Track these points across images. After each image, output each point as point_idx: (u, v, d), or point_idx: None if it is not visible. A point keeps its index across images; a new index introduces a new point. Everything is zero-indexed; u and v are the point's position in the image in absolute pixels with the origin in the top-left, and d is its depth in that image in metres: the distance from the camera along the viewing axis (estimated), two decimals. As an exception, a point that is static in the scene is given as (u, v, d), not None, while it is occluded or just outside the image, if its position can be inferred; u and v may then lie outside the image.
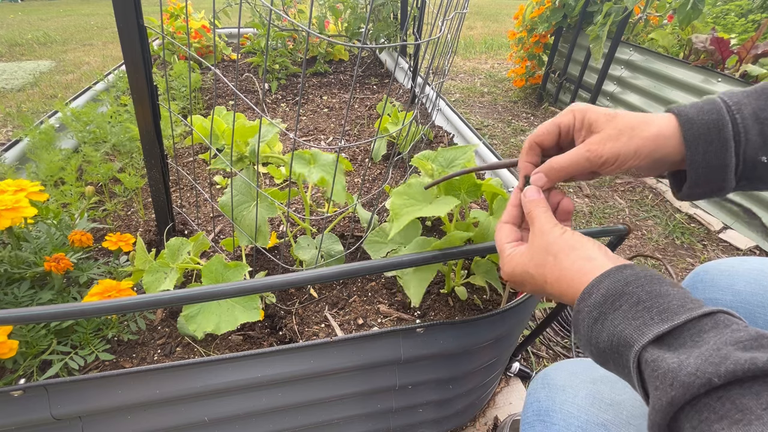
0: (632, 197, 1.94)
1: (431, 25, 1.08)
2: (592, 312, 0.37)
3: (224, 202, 0.92)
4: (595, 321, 0.37)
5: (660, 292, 0.35)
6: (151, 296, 0.59)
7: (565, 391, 0.52)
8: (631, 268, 0.38)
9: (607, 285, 0.37)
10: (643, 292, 0.35)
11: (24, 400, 0.61)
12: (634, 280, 0.36)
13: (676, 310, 0.33)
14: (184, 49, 0.86)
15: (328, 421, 0.79)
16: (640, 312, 0.34)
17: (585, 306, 0.38)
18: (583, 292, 0.39)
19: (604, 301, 0.37)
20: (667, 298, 0.34)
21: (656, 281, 0.36)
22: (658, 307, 0.34)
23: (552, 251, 0.43)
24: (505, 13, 6.97)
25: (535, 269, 0.44)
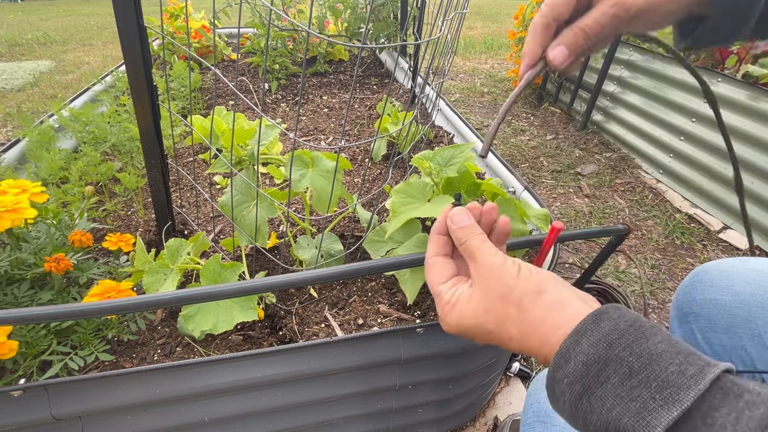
0: (632, 197, 1.94)
1: (431, 25, 1.08)
2: (574, 385, 0.31)
3: (224, 202, 0.92)
4: (580, 397, 0.30)
5: (651, 352, 0.29)
6: (150, 297, 0.59)
7: None
8: (608, 319, 0.32)
9: (587, 348, 0.31)
10: (633, 357, 0.29)
11: (24, 400, 0.61)
12: (617, 339, 0.30)
13: (677, 383, 0.27)
14: (184, 49, 0.86)
15: (328, 421, 0.79)
16: (636, 389, 0.28)
17: (563, 376, 0.32)
18: (557, 356, 0.32)
19: (587, 371, 0.30)
20: (662, 362, 0.28)
21: (641, 334, 0.30)
22: (657, 380, 0.28)
23: (513, 299, 0.36)
24: (505, 13, 6.97)
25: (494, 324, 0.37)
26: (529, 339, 0.35)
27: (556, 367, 0.33)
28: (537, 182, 2.05)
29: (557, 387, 0.32)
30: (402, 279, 0.83)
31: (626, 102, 2.24)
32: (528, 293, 0.35)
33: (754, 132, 1.58)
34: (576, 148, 2.34)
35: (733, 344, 0.56)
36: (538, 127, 2.62)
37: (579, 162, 2.20)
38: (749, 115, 1.61)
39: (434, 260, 0.44)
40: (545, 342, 0.34)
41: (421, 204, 0.77)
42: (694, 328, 0.61)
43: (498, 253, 0.39)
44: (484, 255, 0.39)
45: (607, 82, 2.34)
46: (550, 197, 1.94)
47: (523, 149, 2.34)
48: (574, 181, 2.05)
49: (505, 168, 1.28)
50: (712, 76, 1.75)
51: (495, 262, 0.38)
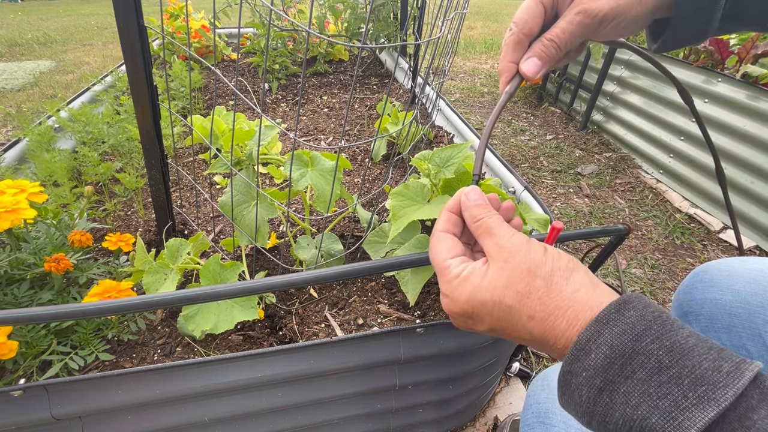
0: (632, 197, 1.94)
1: (431, 25, 1.08)
2: (594, 379, 0.28)
3: (224, 202, 0.92)
4: (600, 392, 0.28)
5: (682, 346, 0.26)
6: (151, 297, 0.59)
7: None
8: (634, 308, 0.29)
9: (610, 339, 0.28)
10: (663, 351, 0.26)
11: (24, 400, 0.61)
12: (644, 331, 0.27)
13: (712, 379, 0.25)
14: (184, 49, 0.86)
15: (328, 421, 0.79)
16: (666, 385, 0.25)
17: (581, 368, 0.29)
18: (575, 347, 0.29)
19: (610, 364, 0.27)
20: (694, 357, 0.26)
21: (670, 327, 0.27)
22: (689, 376, 0.25)
23: (541, 273, 0.32)
24: (505, 13, 6.97)
25: (515, 299, 0.32)
26: (555, 318, 0.31)
27: (573, 359, 0.29)
28: (537, 182, 2.05)
29: (573, 380, 0.29)
30: (402, 280, 0.83)
31: (626, 102, 2.24)
32: (560, 269, 0.32)
33: (754, 132, 1.58)
34: (576, 148, 2.34)
35: (733, 344, 0.56)
36: (538, 127, 2.62)
37: (579, 162, 2.20)
38: (749, 115, 1.61)
39: (444, 235, 0.40)
40: (574, 323, 0.30)
41: (420, 206, 0.77)
42: (694, 327, 0.61)
43: (519, 233, 0.36)
44: (505, 232, 0.35)
45: (607, 82, 2.34)
46: (550, 197, 1.94)
47: (523, 149, 2.34)
48: (574, 181, 2.05)
49: (505, 168, 1.28)
50: (712, 76, 1.75)
51: (519, 239, 0.35)
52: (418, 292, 0.81)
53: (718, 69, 1.80)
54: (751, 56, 1.69)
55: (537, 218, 0.84)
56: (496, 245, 0.35)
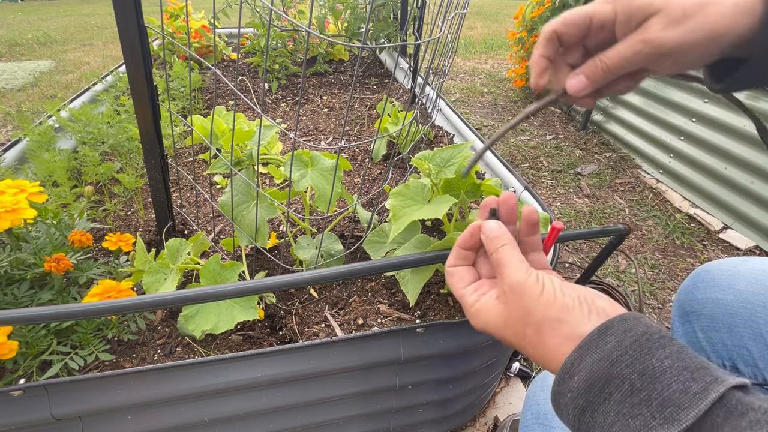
0: (632, 197, 1.94)
1: (431, 25, 1.08)
2: (577, 400, 0.31)
3: (224, 202, 0.92)
4: (583, 411, 0.31)
5: (654, 370, 0.29)
6: (151, 297, 0.59)
7: None
8: (613, 334, 0.31)
9: (590, 365, 0.31)
10: (635, 374, 0.29)
11: (24, 400, 0.61)
12: (620, 357, 0.30)
13: (679, 401, 0.27)
14: (184, 49, 0.86)
15: (328, 421, 0.79)
16: (637, 407, 0.28)
17: (566, 390, 0.32)
18: (561, 371, 0.33)
19: (590, 387, 0.31)
20: (664, 380, 0.28)
21: (646, 350, 0.30)
22: (658, 398, 0.28)
23: (531, 322, 0.36)
24: (505, 13, 6.97)
25: (513, 338, 0.38)
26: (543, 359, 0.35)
27: (560, 382, 0.33)
28: (537, 182, 2.05)
29: (561, 400, 0.33)
30: (402, 280, 0.83)
31: (626, 102, 2.24)
32: (548, 320, 0.35)
33: (754, 132, 1.58)
34: (576, 148, 2.34)
35: (734, 343, 0.56)
36: (538, 127, 2.62)
37: (579, 162, 2.20)
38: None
39: (453, 269, 0.45)
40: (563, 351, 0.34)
41: (421, 206, 0.77)
42: (695, 327, 0.61)
43: (522, 269, 0.38)
44: (509, 271, 0.38)
45: (607, 82, 2.35)
46: (550, 197, 1.94)
47: (523, 149, 2.34)
48: (574, 181, 2.05)
49: (505, 168, 1.28)
50: (712, 76, 1.75)
51: (518, 281, 0.37)
52: (418, 292, 0.81)
53: (718, 69, 1.80)
54: (751, 56, 1.69)
55: (537, 218, 0.84)
56: (501, 285, 0.39)
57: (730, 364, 0.57)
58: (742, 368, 0.56)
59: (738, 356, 0.56)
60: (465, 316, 0.93)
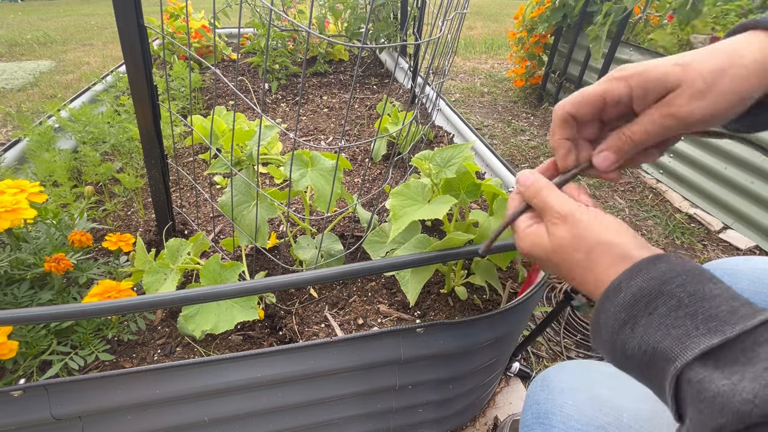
0: (632, 197, 1.94)
1: (431, 25, 1.08)
2: (620, 314, 0.32)
3: (224, 202, 0.92)
4: (624, 324, 0.32)
5: (704, 293, 0.29)
6: (151, 297, 0.59)
7: (564, 393, 0.52)
8: (666, 261, 0.32)
9: (640, 283, 0.32)
10: (685, 294, 0.30)
11: (24, 400, 0.61)
12: (672, 278, 0.31)
13: (725, 318, 0.28)
14: (184, 49, 0.86)
15: (328, 421, 0.79)
16: (681, 319, 0.29)
17: (610, 305, 0.33)
18: (609, 288, 0.33)
19: (635, 301, 0.31)
20: (714, 302, 0.29)
21: (698, 279, 0.30)
22: (704, 313, 0.29)
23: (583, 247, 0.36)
24: (505, 13, 6.97)
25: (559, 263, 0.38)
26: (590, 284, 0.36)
27: (604, 299, 0.33)
28: (537, 182, 2.05)
29: (602, 318, 0.33)
30: (402, 280, 0.83)
31: (626, 102, 2.23)
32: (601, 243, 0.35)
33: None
34: (576, 148, 2.34)
35: None
36: (538, 127, 2.62)
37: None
38: (749, 115, 1.61)
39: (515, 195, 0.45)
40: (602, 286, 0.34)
41: (421, 205, 0.77)
42: None
43: (567, 201, 0.39)
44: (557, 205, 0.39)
45: (607, 82, 2.34)
46: (550, 197, 1.94)
47: (523, 149, 2.34)
48: (574, 181, 2.05)
49: (505, 168, 1.28)
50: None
51: (568, 210, 0.38)
52: (418, 292, 0.81)
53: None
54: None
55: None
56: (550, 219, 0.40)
57: None
58: None
59: None
60: (465, 315, 0.93)
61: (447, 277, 0.97)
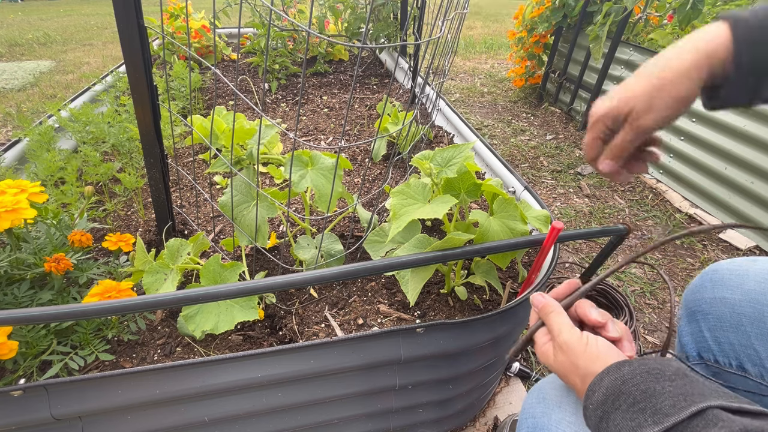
0: (632, 197, 1.94)
1: (431, 25, 1.08)
2: (597, 410, 0.40)
3: (224, 202, 0.92)
4: (600, 420, 0.40)
5: (654, 390, 0.37)
6: (151, 297, 0.59)
7: (562, 408, 0.51)
8: (629, 365, 0.40)
9: (607, 383, 0.40)
10: (638, 392, 0.38)
11: (24, 400, 0.61)
12: (630, 378, 0.39)
13: (667, 411, 0.35)
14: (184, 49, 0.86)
15: (328, 421, 0.79)
16: (636, 413, 0.37)
17: (590, 404, 0.41)
18: (588, 389, 0.42)
19: (605, 400, 0.40)
20: (660, 398, 0.36)
21: (653, 378, 0.38)
22: (652, 408, 0.36)
23: (580, 374, 0.45)
24: (505, 13, 6.97)
25: (564, 379, 0.48)
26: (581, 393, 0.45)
27: (586, 398, 0.42)
28: (537, 182, 2.05)
29: (587, 413, 0.42)
30: (402, 280, 0.83)
31: (626, 102, 2.23)
32: (590, 373, 0.44)
33: (754, 132, 1.58)
34: (576, 148, 2.34)
35: (741, 343, 0.56)
36: (538, 127, 2.62)
37: (579, 162, 2.20)
38: (749, 114, 1.61)
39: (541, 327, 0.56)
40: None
41: (421, 205, 0.77)
42: (702, 326, 0.62)
43: (568, 330, 0.48)
44: (557, 333, 0.49)
45: (607, 82, 2.34)
46: (550, 197, 1.94)
47: (523, 149, 2.34)
48: (574, 181, 2.05)
49: (505, 168, 1.28)
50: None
51: (564, 340, 0.48)
52: (418, 292, 0.81)
53: (718, 69, 1.80)
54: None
55: (537, 215, 0.84)
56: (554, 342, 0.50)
57: (736, 363, 0.58)
58: (749, 368, 0.56)
59: (745, 356, 0.56)
60: (465, 315, 0.93)
61: (447, 277, 0.97)
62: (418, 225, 0.89)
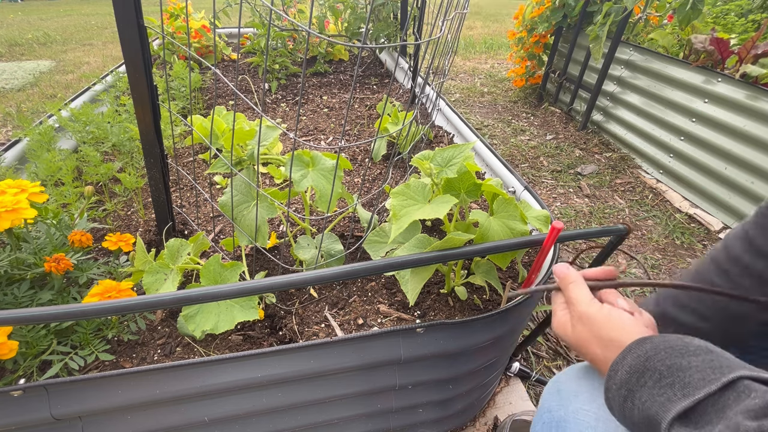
0: (632, 197, 1.94)
1: (431, 25, 1.08)
2: (621, 390, 0.39)
3: (224, 202, 0.92)
4: (625, 399, 0.39)
5: (680, 365, 0.37)
6: (151, 297, 0.59)
7: (579, 397, 0.50)
8: (650, 341, 0.40)
9: (630, 362, 0.39)
10: (664, 367, 0.37)
11: (24, 400, 0.61)
12: (654, 355, 0.38)
13: (696, 384, 0.34)
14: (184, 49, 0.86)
15: (328, 421, 0.79)
16: (664, 388, 0.36)
17: (613, 384, 0.40)
18: (609, 369, 0.42)
19: (629, 378, 0.39)
20: (688, 372, 0.36)
21: (677, 353, 0.38)
22: (680, 382, 0.35)
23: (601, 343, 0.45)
24: (505, 13, 6.97)
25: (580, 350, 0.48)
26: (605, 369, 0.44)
27: (608, 379, 0.41)
28: (537, 182, 2.05)
29: (609, 395, 0.41)
30: (402, 280, 0.83)
31: (626, 102, 2.24)
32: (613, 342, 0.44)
33: (754, 132, 1.58)
34: (576, 148, 2.34)
35: None
36: (538, 127, 2.62)
37: (579, 162, 2.20)
38: (749, 114, 1.61)
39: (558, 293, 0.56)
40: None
41: (422, 205, 0.77)
42: None
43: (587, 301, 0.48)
44: (577, 303, 0.49)
45: (607, 82, 2.34)
46: (550, 197, 1.94)
47: (523, 149, 2.34)
48: (574, 181, 2.05)
49: (505, 168, 1.28)
50: (711, 76, 1.74)
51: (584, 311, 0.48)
52: (418, 292, 0.81)
53: (718, 69, 1.80)
54: (751, 56, 1.69)
55: (537, 215, 0.84)
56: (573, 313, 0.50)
57: None
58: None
59: None
60: (465, 315, 0.93)
61: (447, 277, 0.97)
62: (418, 225, 0.89)
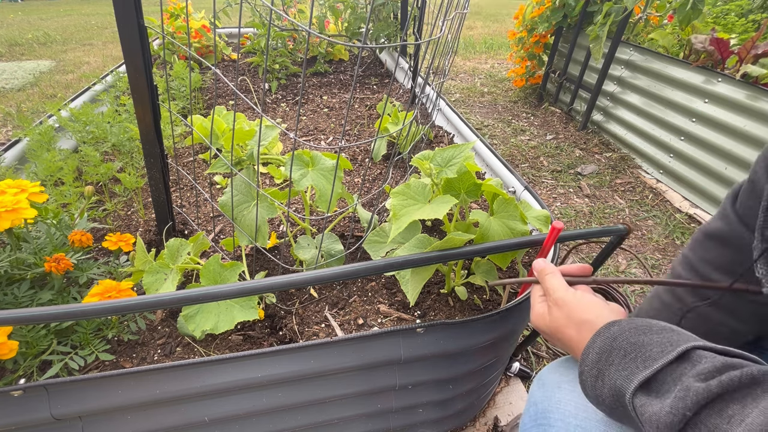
0: (632, 197, 1.94)
1: (431, 25, 1.08)
2: (592, 370, 0.42)
3: (224, 202, 0.92)
4: (596, 378, 0.41)
5: (642, 342, 0.40)
6: (151, 297, 0.59)
7: (561, 388, 0.52)
8: (618, 324, 0.43)
9: (600, 344, 0.42)
10: (628, 344, 0.40)
11: (24, 400, 0.61)
12: (619, 335, 0.42)
13: (656, 356, 0.38)
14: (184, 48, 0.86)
15: (328, 421, 0.79)
16: (628, 363, 0.39)
17: (585, 366, 0.43)
18: (582, 354, 0.44)
19: (599, 358, 0.42)
20: (649, 347, 0.39)
21: (640, 332, 0.41)
22: (642, 356, 0.39)
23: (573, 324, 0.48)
24: (505, 13, 6.97)
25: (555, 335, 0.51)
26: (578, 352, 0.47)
27: (581, 363, 0.44)
28: (537, 182, 2.05)
29: (583, 378, 0.43)
30: (402, 280, 0.83)
31: (626, 102, 2.24)
32: (586, 321, 0.47)
33: (754, 132, 1.58)
34: (576, 148, 2.34)
35: None
36: (538, 127, 2.62)
37: (579, 162, 2.20)
38: (749, 114, 1.61)
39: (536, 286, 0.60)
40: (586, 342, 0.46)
41: (422, 205, 0.77)
42: None
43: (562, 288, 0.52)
44: (553, 290, 0.52)
45: (607, 82, 2.34)
46: (550, 197, 1.94)
47: (523, 149, 2.34)
48: (574, 181, 2.05)
49: (505, 168, 1.28)
50: (712, 76, 1.74)
51: (560, 296, 0.51)
52: (418, 292, 0.81)
53: (718, 69, 1.80)
54: (752, 56, 1.69)
55: (537, 215, 0.84)
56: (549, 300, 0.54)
57: None
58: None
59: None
60: (465, 316, 0.93)
61: (447, 277, 0.97)
62: (419, 225, 0.89)
